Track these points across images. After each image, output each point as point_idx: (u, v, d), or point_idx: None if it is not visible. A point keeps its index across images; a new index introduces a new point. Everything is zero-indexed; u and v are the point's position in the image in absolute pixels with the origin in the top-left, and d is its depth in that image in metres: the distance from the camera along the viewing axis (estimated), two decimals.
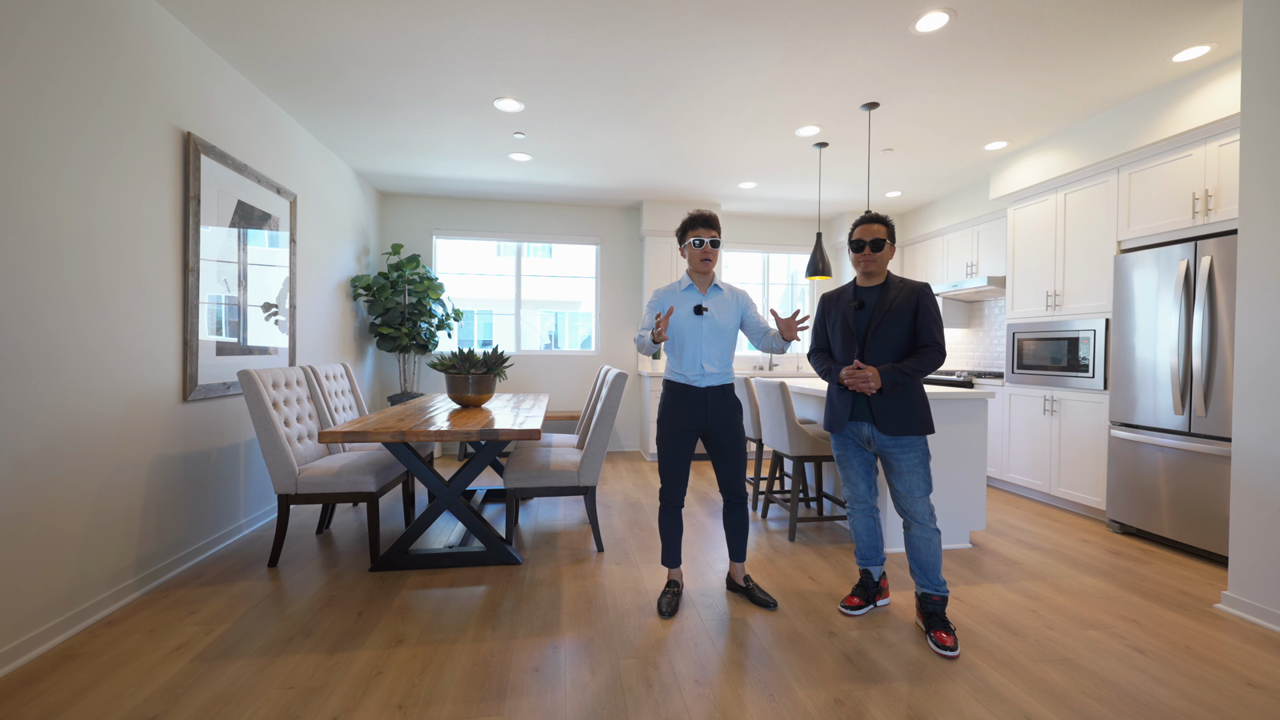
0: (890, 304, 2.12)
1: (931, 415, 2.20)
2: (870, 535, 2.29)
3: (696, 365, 2.26)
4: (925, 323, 2.08)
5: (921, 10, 2.43)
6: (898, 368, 2.06)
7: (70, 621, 2.01)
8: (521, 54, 2.83)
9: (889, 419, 2.10)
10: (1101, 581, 2.59)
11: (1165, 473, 3.02)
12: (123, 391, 2.26)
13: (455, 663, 1.88)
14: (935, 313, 2.10)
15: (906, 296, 2.12)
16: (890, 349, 2.11)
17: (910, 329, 2.11)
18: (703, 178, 4.81)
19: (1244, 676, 1.84)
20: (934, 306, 2.10)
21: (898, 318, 2.10)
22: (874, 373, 2.07)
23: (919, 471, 2.09)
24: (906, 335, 2.11)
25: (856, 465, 2.25)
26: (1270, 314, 2.18)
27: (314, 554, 2.84)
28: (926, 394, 2.17)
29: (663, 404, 2.32)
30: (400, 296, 4.85)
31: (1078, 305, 3.67)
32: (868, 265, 2.16)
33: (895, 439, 2.10)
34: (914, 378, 2.07)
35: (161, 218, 2.46)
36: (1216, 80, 2.87)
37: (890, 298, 2.13)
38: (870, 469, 2.27)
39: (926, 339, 2.09)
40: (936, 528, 2.12)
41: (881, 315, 2.13)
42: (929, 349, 2.08)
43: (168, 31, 2.50)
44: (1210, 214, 2.94)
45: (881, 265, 2.17)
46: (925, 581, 2.09)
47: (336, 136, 3.93)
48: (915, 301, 2.10)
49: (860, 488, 2.28)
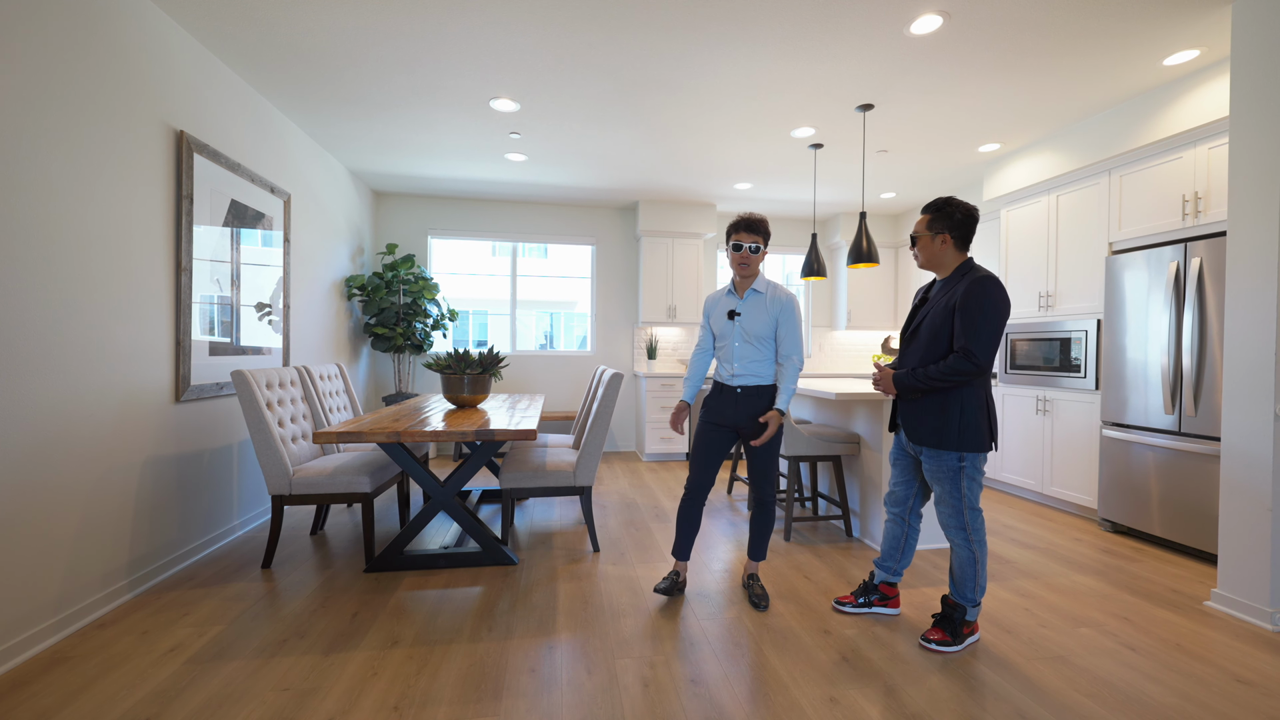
0: (937, 301, 1.98)
1: (981, 433, 1.89)
2: (892, 541, 2.20)
3: (729, 365, 2.32)
4: (958, 323, 1.88)
5: (916, 12, 2.45)
6: (913, 373, 1.94)
7: (61, 624, 1.99)
8: (517, 53, 2.83)
9: (914, 427, 2.00)
10: (1094, 580, 2.61)
11: (1156, 472, 3.05)
12: (115, 392, 2.24)
13: (451, 664, 1.87)
14: (975, 314, 1.85)
15: (955, 293, 1.91)
16: (922, 351, 1.98)
17: (949, 330, 1.92)
18: (699, 178, 4.82)
19: (1233, 673, 1.86)
20: (974, 304, 1.85)
21: (937, 317, 1.94)
22: (885, 375, 2.01)
23: (946, 485, 1.95)
24: (944, 338, 1.92)
25: (898, 468, 2.17)
26: (1258, 315, 2.21)
27: (308, 555, 2.83)
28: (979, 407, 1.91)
29: (704, 400, 2.45)
30: (395, 296, 4.84)
31: (1070, 306, 3.70)
32: (916, 260, 2.08)
33: (925, 449, 1.99)
34: (929, 386, 1.91)
35: (154, 217, 2.45)
36: (1206, 84, 2.90)
37: (943, 295, 1.97)
38: (910, 477, 2.15)
39: (956, 343, 1.89)
40: (969, 543, 1.94)
41: (925, 314, 2.01)
42: (954, 355, 1.88)
43: (160, 29, 2.48)
44: (1200, 216, 2.97)
45: (928, 258, 2.03)
46: (952, 585, 2.04)
47: (331, 135, 3.91)
48: (957, 299, 1.89)
49: (898, 490, 2.18)
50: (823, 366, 6.28)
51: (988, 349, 1.85)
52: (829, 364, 6.28)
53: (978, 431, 1.90)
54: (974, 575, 1.98)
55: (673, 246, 5.61)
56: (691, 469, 2.34)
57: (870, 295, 5.98)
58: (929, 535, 3.02)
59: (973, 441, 1.90)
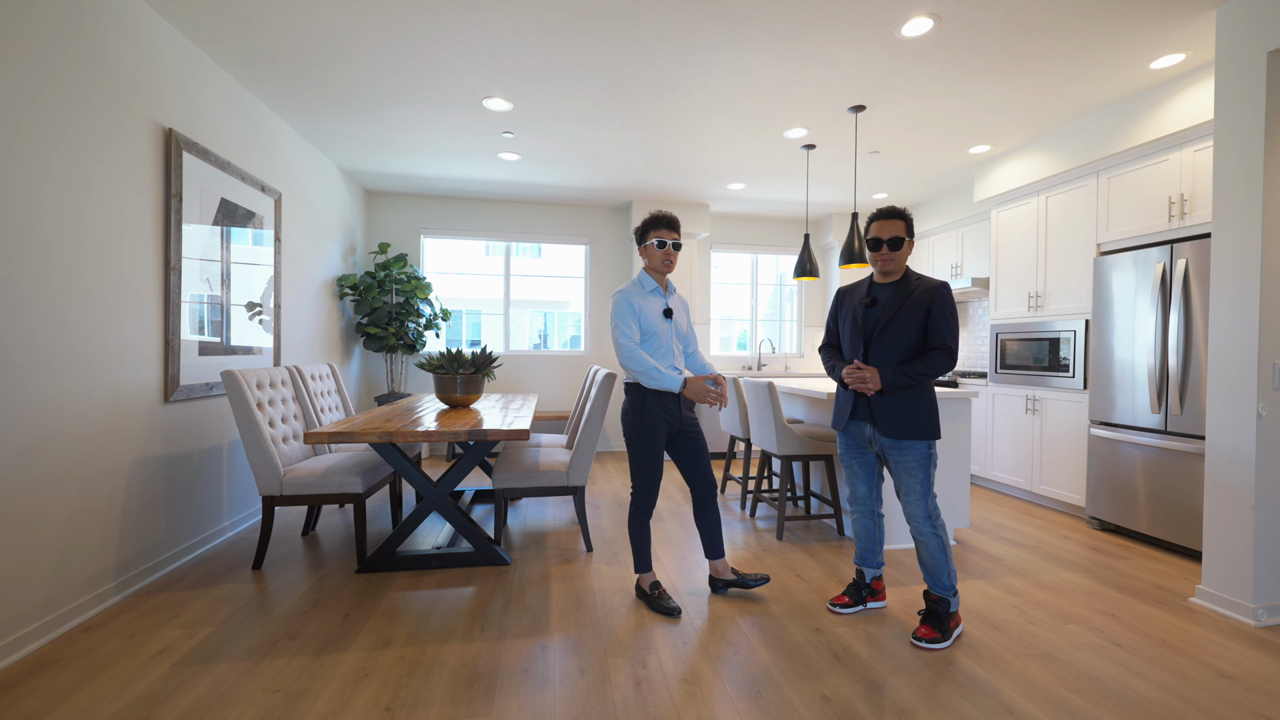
0: (902, 303, 2.06)
1: (939, 420, 2.07)
2: (868, 537, 2.27)
3: (671, 367, 2.28)
4: (936, 324, 2.01)
5: (907, 15, 2.46)
6: (900, 369, 2.01)
7: (47, 627, 1.97)
8: (510, 53, 2.82)
9: (889, 421, 2.06)
10: (1081, 577, 2.64)
11: (1143, 470, 3.09)
12: (102, 392, 2.22)
13: (443, 664, 1.87)
14: (949, 314, 2.02)
15: (920, 295, 2.04)
16: (898, 349, 2.05)
17: (921, 330, 2.04)
18: (692, 178, 4.83)
19: (1216, 668, 1.89)
20: (948, 308, 2.02)
21: (908, 317, 2.04)
22: (873, 373, 2.04)
23: (917, 475, 2.04)
24: (916, 336, 2.04)
25: (857, 467, 2.23)
26: (1242, 315, 2.24)
27: (299, 556, 2.81)
28: (936, 397, 2.10)
29: (636, 409, 2.24)
30: (387, 296, 4.81)
31: (1059, 306, 3.74)
32: (885, 264, 2.09)
33: (895, 441, 2.06)
34: (917, 380, 2.01)
35: (142, 215, 2.42)
36: (1192, 87, 2.94)
37: (903, 296, 2.07)
38: (871, 471, 2.23)
39: (936, 341, 2.02)
40: (936, 531, 2.04)
41: (891, 314, 2.07)
42: (937, 351, 2.01)
43: (149, 26, 2.46)
44: (1186, 217, 3.01)
45: (900, 263, 2.09)
46: (929, 579, 2.09)
47: (322, 134, 3.88)
48: (929, 301, 2.03)
49: (860, 489, 2.25)
50: (815, 366, 6.31)
51: (958, 346, 2.05)
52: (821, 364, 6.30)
53: (936, 419, 2.08)
54: (945, 562, 2.06)
55: None
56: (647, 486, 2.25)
57: None
58: (894, 535, 2.99)
59: (933, 429, 2.06)
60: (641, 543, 2.32)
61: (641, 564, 2.33)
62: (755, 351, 6.24)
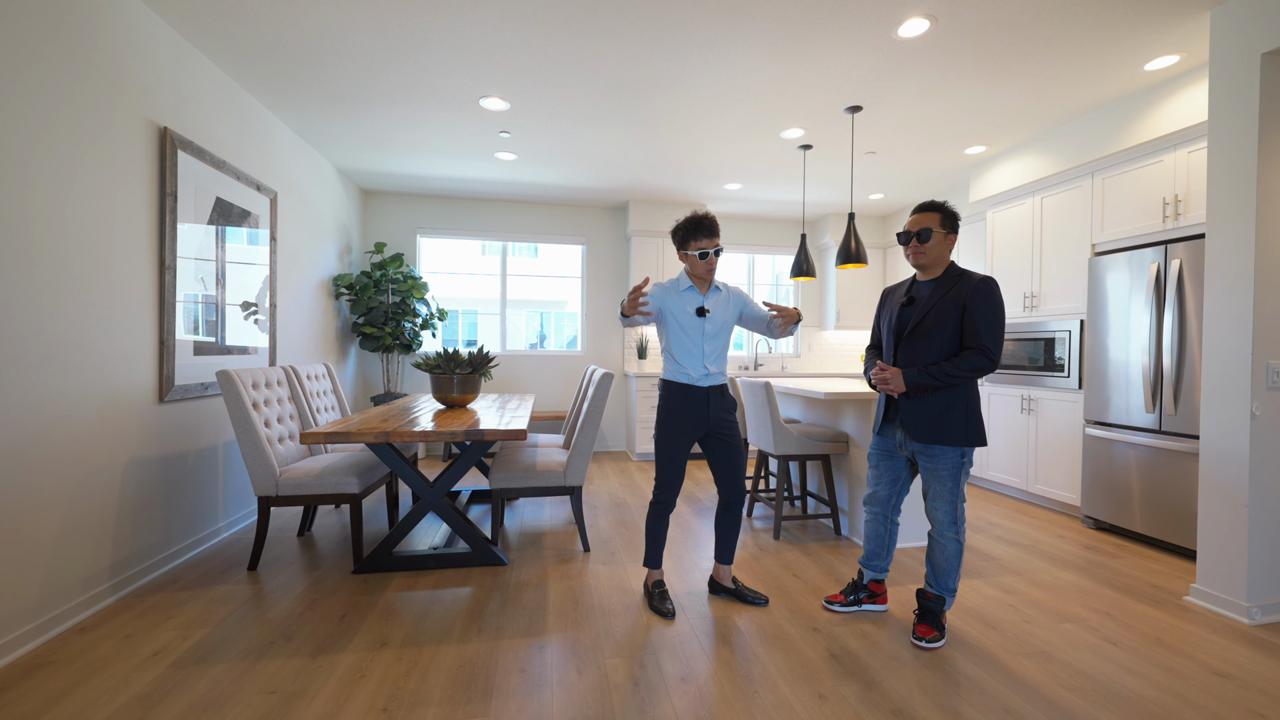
0: (938, 300, 1.96)
1: (980, 425, 1.96)
2: (876, 541, 2.23)
3: (700, 366, 2.25)
4: (974, 322, 1.90)
5: (904, 16, 2.47)
6: (926, 370, 1.93)
7: (41, 628, 1.96)
8: (507, 52, 2.82)
9: (918, 424, 1.98)
10: (1076, 576, 2.66)
11: (1137, 469, 3.10)
12: (96, 392, 2.20)
13: (440, 665, 1.86)
14: (989, 312, 1.89)
15: (958, 292, 1.94)
16: (932, 349, 1.96)
17: (958, 329, 1.94)
18: (689, 178, 4.83)
19: (1211, 666, 1.90)
20: (989, 305, 1.90)
21: (943, 316, 1.94)
22: (895, 374, 1.98)
23: (947, 483, 1.97)
24: (953, 335, 1.94)
25: (883, 469, 2.18)
26: (1235, 315, 2.26)
27: (295, 557, 2.80)
28: (976, 401, 1.98)
29: (664, 406, 2.26)
30: (384, 296, 4.80)
31: (1054, 306, 3.76)
32: (917, 258, 2.01)
33: (925, 446, 1.99)
34: (945, 382, 1.91)
35: (136, 214, 2.41)
36: (1186, 89, 2.96)
37: (941, 294, 1.97)
38: (897, 477, 2.16)
39: (972, 340, 1.91)
40: (957, 537, 1.99)
41: (925, 312, 1.98)
42: (972, 352, 1.90)
43: (143, 23, 2.44)
44: (1180, 218, 3.03)
45: (934, 257, 1.99)
46: (931, 579, 2.07)
47: (318, 133, 3.87)
48: (965, 298, 1.92)
49: (881, 491, 2.19)
50: (811, 366, 6.32)
51: (1001, 347, 1.93)
52: (818, 364, 6.32)
53: (980, 426, 1.96)
54: (957, 566, 2.05)
55: (663, 247, 5.62)
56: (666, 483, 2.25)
57: (859, 295, 6.03)
58: (907, 534, 3.04)
59: (976, 435, 1.95)
60: (654, 538, 2.32)
61: (651, 559, 2.34)
62: (752, 351, 6.25)
